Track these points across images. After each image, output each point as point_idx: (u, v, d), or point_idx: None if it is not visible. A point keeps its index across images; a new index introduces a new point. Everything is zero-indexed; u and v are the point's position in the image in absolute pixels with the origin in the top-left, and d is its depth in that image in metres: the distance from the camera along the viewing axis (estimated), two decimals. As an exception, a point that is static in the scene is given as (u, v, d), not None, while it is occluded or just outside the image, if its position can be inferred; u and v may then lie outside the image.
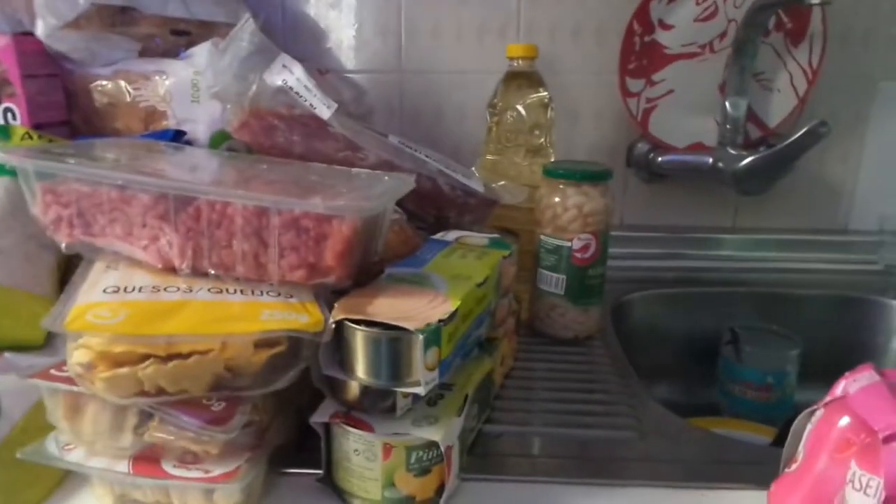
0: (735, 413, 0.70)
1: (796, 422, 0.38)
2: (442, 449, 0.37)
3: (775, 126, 0.77)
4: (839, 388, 0.36)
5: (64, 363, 0.36)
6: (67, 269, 0.51)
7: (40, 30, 0.58)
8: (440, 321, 0.36)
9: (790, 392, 0.69)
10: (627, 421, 0.49)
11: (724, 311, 0.75)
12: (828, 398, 0.36)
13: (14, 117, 0.61)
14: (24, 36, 0.61)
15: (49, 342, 0.46)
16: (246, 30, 0.51)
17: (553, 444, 0.46)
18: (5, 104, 0.61)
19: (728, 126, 0.74)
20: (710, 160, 0.75)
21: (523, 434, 0.47)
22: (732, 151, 0.74)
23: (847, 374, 0.36)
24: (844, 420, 0.34)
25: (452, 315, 0.37)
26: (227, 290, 0.38)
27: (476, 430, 0.46)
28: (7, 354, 0.45)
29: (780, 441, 0.40)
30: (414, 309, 0.37)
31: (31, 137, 0.56)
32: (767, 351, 0.68)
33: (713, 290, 0.77)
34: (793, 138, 0.66)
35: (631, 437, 0.47)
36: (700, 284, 0.78)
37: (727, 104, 0.74)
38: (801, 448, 0.37)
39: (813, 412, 0.37)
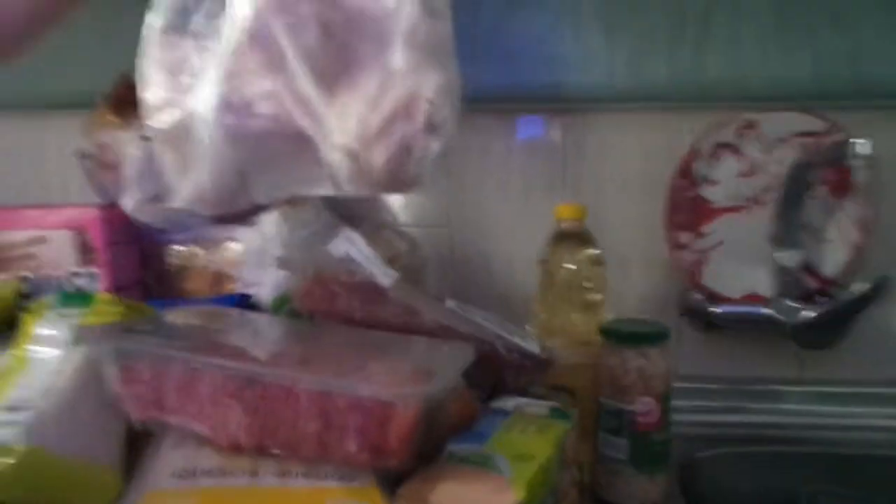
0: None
1: None
2: None
3: (832, 276, 0.76)
4: None
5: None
6: (132, 434, 0.52)
7: (127, 204, 0.64)
8: (507, 513, 0.35)
9: (880, 568, 0.63)
10: None
11: (799, 473, 0.71)
12: None
13: (96, 281, 0.66)
14: (110, 208, 0.66)
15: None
16: (313, 206, 0.55)
17: None
18: (89, 269, 0.66)
19: (783, 278, 0.74)
20: (768, 312, 0.74)
21: None
22: (790, 304, 0.73)
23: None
24: None
25: (518, 505, 0.36)
26: (291, 474, 0.38)
27: None
28: (71, 528, 0.45)
29: None
30: (478, 498, 0.36)
31: (110, 303, 0.59)
32: (850, 520, 0.64)
33: (784, 450, 0.73)
34: (856, 295, 0.65)
35: None
36: (767, 442, 0.74)
37: (778, 256, 0.74)
38: None
39: None
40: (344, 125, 0.32)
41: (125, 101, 0.74)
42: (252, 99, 0.33)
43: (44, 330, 0.54)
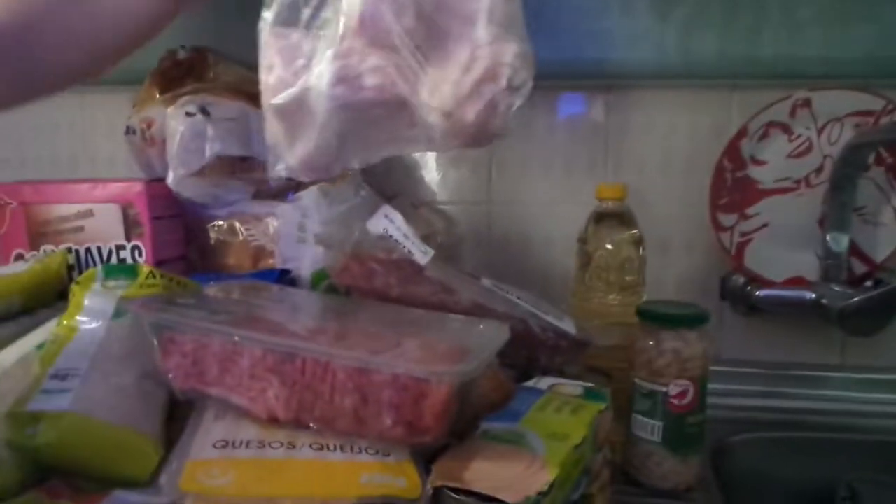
0: (858, 580, 0.63)
1: None
2: None
3: (882, 261, 0.73)
4: None
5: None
6: (174, 404, 0.53)
7: (171, 178, 0.65)
8: (539, 493, 0.35)
9: (923, 560, 0.62)
10: None
11: (837, 460, 0.69)
12: None
13: (140, 254, 0.67)
14: (155, 182, 0.68)
15: (156, 477, 0.48)
16: (352, 182, 0.55)
17: None
18: (134, 242, 0.68)
19: (830, 261, 0.72)
20: (813, 296, 0.72)
21: None
22: (837, 288, 0.71)
23: None
24: None
25: (552, 486, 0.36)
26: (327, 447, 0.39)
27: None
28: (116, 492, 0.47)
29: None
30: (512, 476, 0.36)
31: (154, 277, 0.61)
32: (892, 511, 0.62)
33: (823, 436, 0.71)
34: (905, 279, 0.62)
35: None
36: (807, 428, 0.72)
37: (828, 239, 0.72)
38: None
39: None
40: (439, 90, 0.38)
41: (171, 78, 0.75)
42: (361, 72, 0.39)
43: (91, 301, 0.56)
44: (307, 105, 0.41)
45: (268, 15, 0.43)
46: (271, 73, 0.42)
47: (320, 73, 0.39)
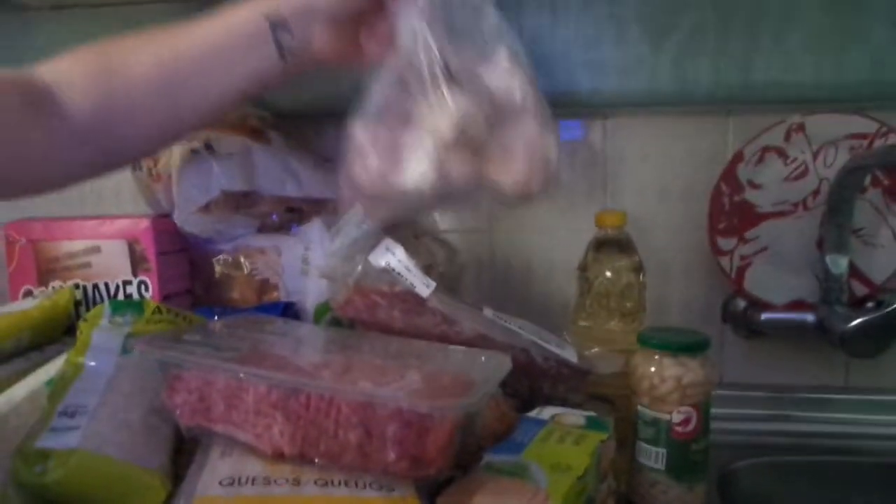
0: None
1: None
2: None
3: (882, 282, 0.74)
4: None
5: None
6: (180, 438, 0.54)
7: (177, 215, 0.66)
8: (542, 526, 0.35)
9: (933, 584, 0.61)
10: None
11: (843, 483, 0.69)
12: None
13: (147, 289, 0.68)
14: (161, 218, 0.69)
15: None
16: (354, 216, 0.56)
17: None
18: (140, 277, 0.69)
19: (830, 283, 0.72)
20: (814, 319, 0.73)
21: None
22: (838, 310, 0.71)
23: None
24: None
25: (554, 518, 0.36)
26: (332, 483, 0.40)
27: None
28: (123, 529, 0.47)
29: None
30: (515, 510, 0.37)
31: (160, 312, 0.62)
32: (901, 534, 0.62)
33: (828, 459, 0.71)
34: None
35: None
36: (812, 452, 0.72)
37: (827, 261, 0.73)
38: None
39: None
40: (509, 169, 0.52)
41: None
42: (450, 169, 0.50)
43: (98, 338, 0.57)
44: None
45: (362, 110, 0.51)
46: (366, 163, 0.51)
47: (415, 168, 0.49)
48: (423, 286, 0.55)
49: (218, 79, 0.50)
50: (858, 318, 0.69)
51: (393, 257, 0.55)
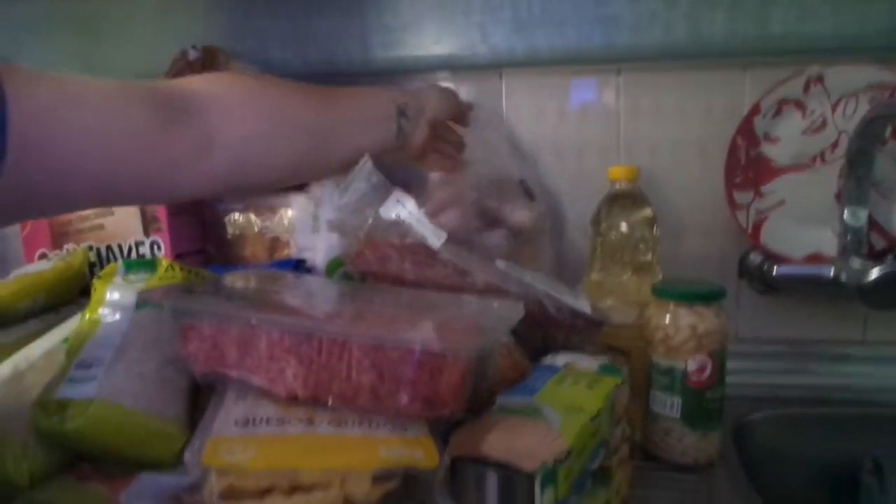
0: (885, 555, 0.62)
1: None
2: None
3: (902, 235, 0.73)
4: None
5: (196, 487, 0.38)
6: (197, 390, 0.54)
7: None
8: (556, 461, 0.35)
9: (952, 533, 0.61)
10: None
11: (861, 435, 0.69)
12: None
13: (159, 248, 0.69)
14: (172, 178, 0.69)
15: (181, 460, 0.49)
16: (364, 170, 0.55)
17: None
18: (153, 237, 0.69)
19: (848, 237, 0.71)
20: (832, 272, 0.71)
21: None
22: (856, 262, 0.70)
23: None
24: None
25: (568, 454, 0.36)
26: (346, 423, 0.40)
27: (593, 570, 0.44)
28: (144, 474, 0.48)
29: None
30: (528, 446, 0.36)
31: (173, 269, 0.62)
32: (918, 484, 0.61)
33: (846, 412, 0.70)
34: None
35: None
36: (829, 404, 0.72)
37: (846, 214, 0.71)
38: None
39: None
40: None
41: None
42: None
43: (112, 295, 0.57)
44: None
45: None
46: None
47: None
48: (434, 237, 0.54)
49: (353, 141, 0.57)
50: (876, 270, 0.68)
51: (403, 209, 0.55)
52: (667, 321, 0.57)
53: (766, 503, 0.53)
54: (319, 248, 0.64)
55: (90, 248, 0.70)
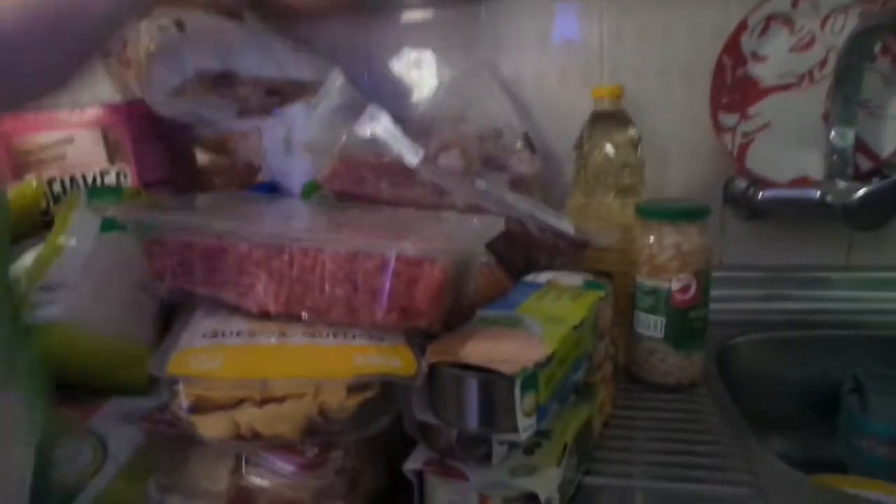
0: (863, 471, 0.63)
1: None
2: (542, 501, 0.35)
3: (888, 155, 0.71)
4: None
5: (167, 407, 0.37)
6: (168, 314, 0.53)
7: (149, 97, 0.63)
8: (537, 365, 0.34)
9: (928, 448, 0.61)
10: (742, 476, 0.45)
11: (843, 356, 0.69)
12: None
13: (125, 178, 0.66)
14: (135, 104, 0.66)
15: (153, 386, 0.48)
16: (336, 83, 0.53)
17: (660, 500, 0.43)
18: (118, 166, 0.66)
19: (835, 158, 0.70)
20: (818, 194, 0.70)
21: (627, 488, 0.44)
22: (842, 184, 0.69)
23: None
24: None
25: (549, 359, 0.35)
26: (320, 335, 0.38)
27: (575, 482, 0.43)
28: (113, 399, 0.47)
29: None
30: (508, 352, 0.35)
31: (140, 196, 0.60)
32: (898, 400, 0.62)
33: (828, 334, 0.70)
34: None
35: (748, 493, 0.43)
36: (812, 327, 0.72)
37: (833, 135, 0.70)
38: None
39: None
40: None
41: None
42: None
43: (77, 219, 0.55)
44: None
45: None
46: None
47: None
48: (412, 154, 0.52)
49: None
50: (863, 189, 0.67)
51: (378, 125, 0.52)
52: (651, 240, 0.56)
53: (749, 422, 0.53)
54: (294, 172, 0.62)
55: (52, 179, 0.67)
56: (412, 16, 0.83)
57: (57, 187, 0.67)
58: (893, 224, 0.73)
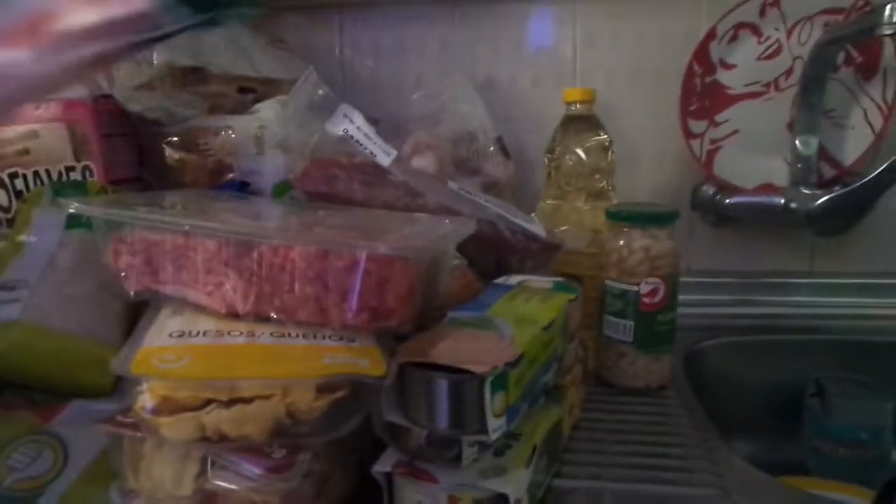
0: (825, 473, 0.64)
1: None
2: (511, 502, 0.35)
3: (850, 164, 0.73)
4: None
5: (130, 409, 0.36)
6: (135, 316, 0.51)
7: (118, 91, 0.62)
8: (507, 364, 0.34)
9: (887, 450, 0.63)
10: (709, 477, 0.45)
11: (805, 361, 0.70)
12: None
13: (91, 174, 0.64)
14: (102, 98, 0.64)
15: (118, 388, 0.47)
16: (309, 81, 0.52)
17: (629, 501, 0.43)
18: (84, 162, 0.64)
19: (799, 165, 0.72)
20: (782, 201, 0.72)
21: (596, 490, 0.44)
22: (806, 191, 0.70)
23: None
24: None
25: (519, 359, 0.35)
26: (289, 335, 0.38)
27: (545, 484, 0.43)
28: (75, 401, 0.45)
29: None
30: (479, 352, 0.35)
31: (105, 192, 0.58)
32: (859, 404, 0.63)
33: (792, 338, 0.72)
34: (872, 176, 0.62)
35: (714, 494, 0.44)
36: (777, 332, 0.73)
37: (797, 143, 0.71)
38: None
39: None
40: None
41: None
42: None
43: (40, 216, 0.53)
44: None
45: None
46: None
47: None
48: (384, 154, 0.52)
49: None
50: (826, 197, 0.68)
51: (351, 124, 0.52)
52: (620, 244, 0.57)
53: (716, 425, 0.54)
54: (265, 171, 0.61)
55: (15, 174, 0.65)
56: (387, 17, 0.83)
57: (20, 183, 0.65)
58: (855, 231, 0.76)
